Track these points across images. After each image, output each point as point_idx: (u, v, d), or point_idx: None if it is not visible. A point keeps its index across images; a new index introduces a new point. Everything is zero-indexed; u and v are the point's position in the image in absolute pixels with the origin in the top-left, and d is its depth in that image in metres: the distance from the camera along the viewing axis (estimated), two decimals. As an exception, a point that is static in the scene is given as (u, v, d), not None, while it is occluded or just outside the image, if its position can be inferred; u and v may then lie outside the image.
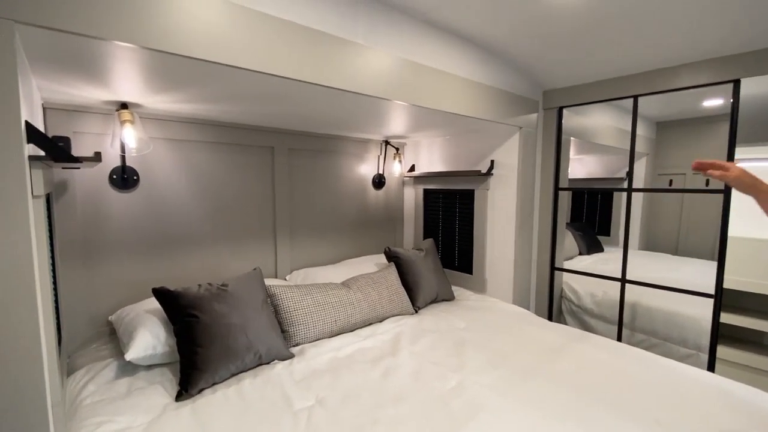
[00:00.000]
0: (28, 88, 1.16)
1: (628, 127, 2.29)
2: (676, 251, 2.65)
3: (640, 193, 2.57)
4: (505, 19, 1.81)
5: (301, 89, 1.54)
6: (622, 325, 2.41)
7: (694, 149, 2.53)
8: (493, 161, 2.65)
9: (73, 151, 1.77)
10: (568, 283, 2.79)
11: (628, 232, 2.30)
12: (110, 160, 1.90)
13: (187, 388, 1.45)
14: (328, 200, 2.86)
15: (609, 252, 2.96)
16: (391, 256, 2.55)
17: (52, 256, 1.49)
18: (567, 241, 2.87)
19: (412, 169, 3.29)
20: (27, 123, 0.98)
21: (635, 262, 2.36)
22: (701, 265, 2.44)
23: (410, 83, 1.77)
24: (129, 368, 1.63)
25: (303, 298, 1.95)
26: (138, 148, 1.77)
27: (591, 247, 3.03)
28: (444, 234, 3.12)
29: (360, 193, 3.07)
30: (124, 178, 1.94)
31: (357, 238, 3.07)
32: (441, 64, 1.91)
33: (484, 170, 2.65)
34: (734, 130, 1.91)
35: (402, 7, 1.69)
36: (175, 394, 1.47)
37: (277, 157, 2.50)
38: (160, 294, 1.61)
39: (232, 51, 1.24)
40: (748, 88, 1.90)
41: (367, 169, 3.10)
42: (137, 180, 1.99)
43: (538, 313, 2.73)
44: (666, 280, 2.24)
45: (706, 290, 2.05)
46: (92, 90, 1.53)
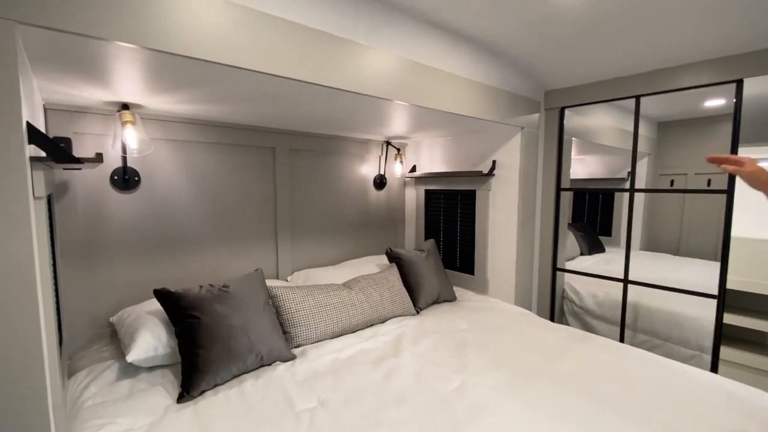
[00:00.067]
0: (30, 89, 1.16)
1: (630, 128, 2.29)
2: (678, 251, 2.65)
3: (642, 194, 2.56)
4: (507, 19, 1.81)
5: (302, 89, 1.53)
6: (625, 325, 2.40)
7: (696, 149, 2.53)
8: (494, 162, 2.65)
9: (74, 152, 1.77)
10: (570, 283, 2.78)
11: (631, 232, 2.29)
12: (111, 160, 1.89)
13: (188, 390, 1.45)
14: (330, 201, 2.86)
15: (610, 252, 2.96)
16: (393, 257, 2.54)
17: (53, 257, 1.49)
18: (568, 242, 2.86)
19: (414, 169, 3.28)
20: (28, 124, 0.98)
21: (637, 263, 2.36)
22: (703, 265, 2.43)
23: (411, 83, 1.76)
24: (130, 370, 1.62)
25: (305, 299, 1.95)
26: (139, 148, 1.76)
27: (592, 247, 3.02)
28: (445, 234, 3.12)
29: (361, 193, 3.06)
30: (125, 179, 1.94)
31: (358, 239, 3.07)
32: (442, 64, 1.91)
33: (485, 171, 2.65)
34: (737, 130, 1.91)
35: (403, 7, 1.68)
36: (176, 396, 1.46)
37: (279, 157, 2.50)
38: (162, 295, 1.61)
39: (233, 51, 1.23)
40: (751, 88, 1.89)
41: (369, 170, 3.10)
42: (138, 181, 1.98)
43: (540, 314, 2.72)
44: (668, 281, 2.23)
45: (709, 291, 2.05)
46: (93, 91, 1.52)
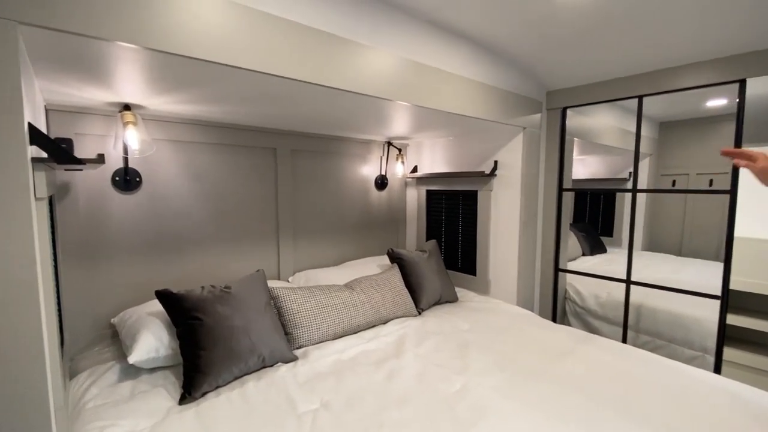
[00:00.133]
0: (31, 90, 1.15)
1: (631, 128, 2.28)
2: (680, 252, 2.63)
3: (643, 194, 2.55)
4: (509, 20, 1.80)
5: (303, 89, 1.53)
6: (627, 326, 2.39)
7: (698, 150, 2.51)
8: (496, 162, 2.64)
9: (76, 153, 1.77)
10: (572, 284, 2.77)
11: (633, 233, 2.28)
12: (113, 161, 1.89)
13: (190, 392, 1.44)
14: (331, 201, 2.85)
15: (612, 253, 2.94)
16: (394, 258, 2.54)
17: (55, 257, 1.49)
18: (570, 242, 2.85)
19: (415, 170, 3.28)
20: (30, 125, 0.98)
21: (639, 263, 2.35)
22: (705, 265, 2.42)
23: (413, 83, 1.76)
24: (132, 371, 1.62)
25: (306, 300, 1.94)
26: (141, 149, 1.76)
27: (594, 247, 3.01)
28: (447, 235, 3.11)
29: (362, 194, 3.06)
30: (127, 179, 1.93)
31: (359, 240, 3.06)
32: (444, 64, 1.90)
33: (487, 171, 2.64)
34: (740, 130, 1.90)
35: (405, 7, 1.68)
36: (178, 398, 1.46)
37: (280, 158, 2.49)
38: (163, 296, 1.60)
39: (235, 51, 1.23)
40: (754, 87, 1.88)
41: (370, 170, 3.09)
42: (140, 182, 1.98)
43: (542, 315, 2.71)
44: (670, 281, 2.23)
45: (711, 291, 2.04)
46: (95, 91, 1.52)
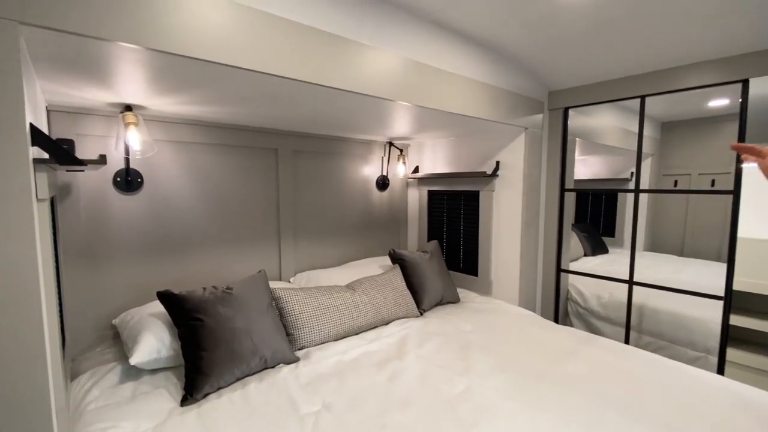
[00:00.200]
0: (32, 91, 1.15)
1: (633, 128, 2.27)
2: (682, 252, 2.63)
3: (645, 194, 2.54)
4: (511, 20, 1.80)
5: (305, 90, 1.52)
6: (630, 327, 2.38)
7: (699, 150, 2.51)
8: (498, 162, 2.63)
9: (77, 154, 1.76)
10: (574, 285, 2.76)
11: (636, 233, 2.27)
12: (114, 162, 1.89)
13: (192, 393, 1.44)
14: (332, 202, 2.85)
15: (614, 253, 2.94)
16: (396, 258, 2.53)
17: (56, 259, 1.48)
18: (572, 243, 2.85)
19: (416, 170, 3.27)
20: (31, 125, 0.97)
21: (640, 263, 2.34)
22: (708, 266, 2.42)
23: (415, 84, 1.75)
24: (133, 372, 1.61)
25: (308, 301, 1.94)
26: (142, 150, 1.76)
27: (596, 248, 3.01)
28: (449, 236, 3.10)
29: (364, 194, 3.05)
30: (128, 180, 1.93)
31: (361, 240, 3.06)
32: (446, 64, 1.90)
33: (489, 171, 2.64)
34: (743, 130, 1.89)
35: (408, 8, 1.67)
36: (180, 399, 1.45)
37: (281, 158, 2.49)
38: (165, 297, 1.60)
39: (236, 51, 1.23)
40: (757, 87, 1.88)
41: (371, 171, 3.09)
42: (141, 182, 1.98)
43: (544, 316, 2.70)
44: (672, 282, 2.22)
45: (714, 292, 2.03)
46: (96, 92, 1.52)
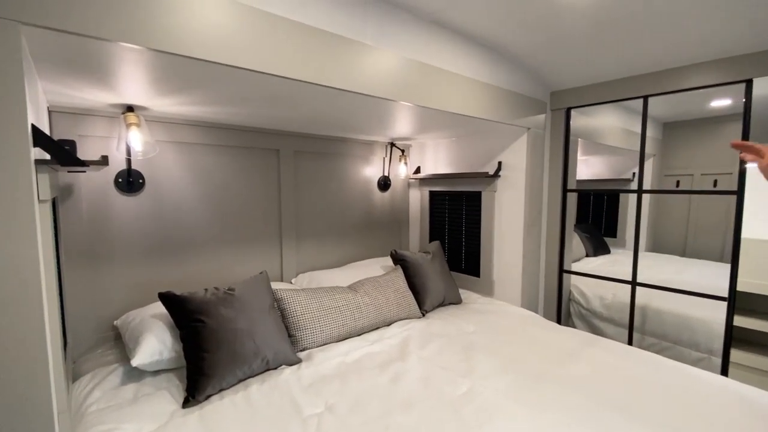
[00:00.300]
0: (34, 91, 1.15)
1: (635, 128, 2.26)
2: (684, 253, 2.62)
3: (647, 195, 2.53)
4: (513, 20, 1.79)
5: (307, 90, 1.52)
6: (633, 328, 2.37)
7: (702, 150, 2.50)
8: (500, 163, 2.63)
9: (79, 155, 1.76)
10: (576, 285, 2.76)
11: (639, 234, 2.26)
12: (116, 163, 1.88)
13: (194, 395, 1.43)
14: (334, 202, 2.84)
15: (616, 254, 2.93)
16: (398, 259, 2.52)
17: (58, 260, 1.48)
18: (573, 243, 2.84)
19: (418, 171, 3.26)
20: (33, 126, 0.97)
21: (642, 264, 2.32)
22: (710, 266, 2.41)
23: (417, 84, 1.75)
24: (135, 374, 1.61)
25: (310, 302, 1.93)
26: (144, 151, 1.75)
27: (598, 248, 3.00)
28: (450, 236, 3.10)
29: (365, 195, 3.05)
30: (130, 181, 1.93)
31: (362, 241, 3.05)
32: (448, 64, 1.89)
33: (491, 172, 2.63)
34: (747, 131, 1.88)
35: (410, 8, 1.67)
36: (182, 400, 1.45)
37: (283, 159, 2.48)
38: (167, 299, 1.59)
39: (238, 52, 1.22)
40: (761, 87, 1.87)
41: (373, 171, 3.08)
42: (143, 183, 1.97)
43: (547, 317, 2.70)
44: (675, 282, 2.21)
45: (716, 292, 2.02)
46: (98, 93, 1.51)
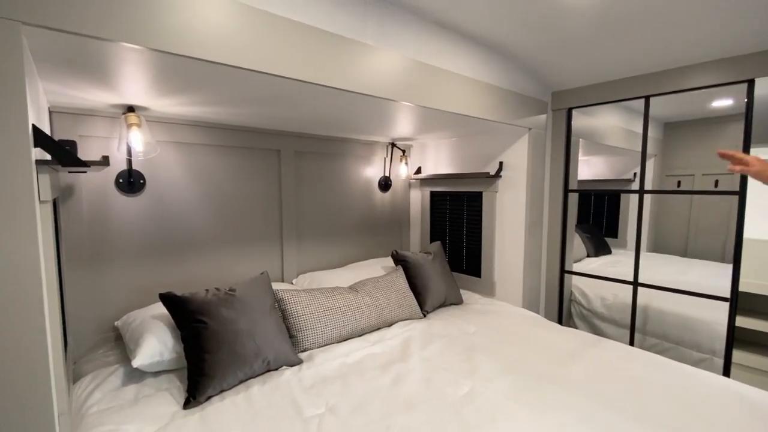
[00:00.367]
0: (35, 92, 1.14)
1: (636, 128, 2.26)
2: (685, 253, 2.61)
3: (648, 195, 2.52)
4: (515, 20, 1.79)
5: (308, 90, 1.52)
6: (635, 329, 2.36)
7: (703, 150, 2.49)
8: (501, 163, 2.62)
9: (79, 155, 1.76)
10: (578, 286, 2.75)
11: (640, 234, 2.26)
12: (116, 163, 1.88)
13: (195, 396, 1.43)
14: (335, 203, 2.84)
15: (617, 254, 2.92)
16: (399, 260, 2.52)
17: (59, 260, 1.48)
18: (575, 243, 2.83)
19: (419, 171, 3.26)
20: (34, 126, 0.96)
21: (644, 264, 2.32)
22: (712, 267, 2.40)
23: (419, 84, 1.74)
24: (136, 375, 1.60)
25: (311, 303, 1.93)
26: (145, 151, 1.75)
27: (599, 249, 2.99)
28: (451, 237, 3.09)
29: (366, 195, 3.04)
30: (131, 181, 1.92)
31: (363, 241, 3.05)
32: (449, 64, 1.89)
33: (492, 172, 2.62)
34: (749, 131, 1.88)
35: (411, 8, 1.67)
36: (182, 401, 1.44)
37: (284, 159, 2.48)
38: (168, 299, 1.59)
39: (239, 52, 1.22)
40: (763, 87, 1.86)
41: (374, 172, 3.08)
42: (143, 184, 1.97)
43: (548, 317, 2.69)
44: (676, 283, 2.20)
45: (719, 293, 2.01)
46: (98, 93, 1.51)
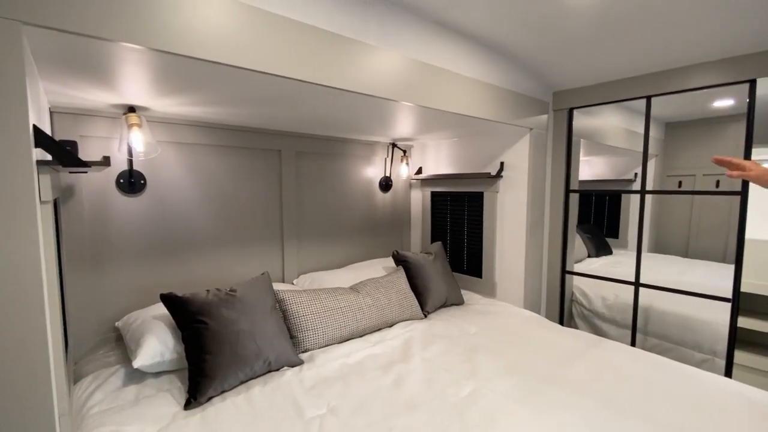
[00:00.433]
0: (36, 92, 1.14)
1: (637, 128, 2.25)
2: (686, 253, 2.61)
3: (649, 195, 2.52)
4: (516, 20, 1.79)
5: (309, 90, 1.51)
6: (636, 329, 2.36)
7: (704, 150, 2.49)
8: (502, 163, 2.62)
9: (80, 155, 1.76)
10: (579, 286, 2.75)
11: (642, 234, 2.25)
12: (117, 164, 1.88)
13: (196, 396, 1.43)
14: (335, 203, 2.84)
15: (618, 254, 2.92)
16: (400, 260, 2.51)
17: (59, 261, 1.47)
18: (575, 244, 2.83)
19: (420, 171, 3.26)
20: (35, 127, 0.96)
21: (645, 265, 2.32)
22: (713, 267, 2.40)
23: (419, 84, 1.74)
24: (136, 375, 1.60)
25: (312, 304, 1.92)
26: (145, 151, 1.75)
27: (600, 249, 2.99)
28: (452, 237, 3.09)
29: (367, 196, 3.04)
30: (131, 182, 1.92)
31: (364, 242, 3.05)
32: (450, 64, 1.88)
33: (493, 172, 2.62)
34: (751, 131, 1.87)
35: (412, 8, 1.66)
36: (183, 402, 1.44)
37: (285, 160, 2.48)
38: (168, 300, 1.58)
39: (239, 51, 1.22)
40: (765, 88, 1.86)
41: (374, 172, 3.08)
42: (144, 184, 1.97)
43: (549, 318, 2.69)
44: (677, 283, 2.20)
45: (719, 293, 2.01)
46: (99, 93, 1.51)
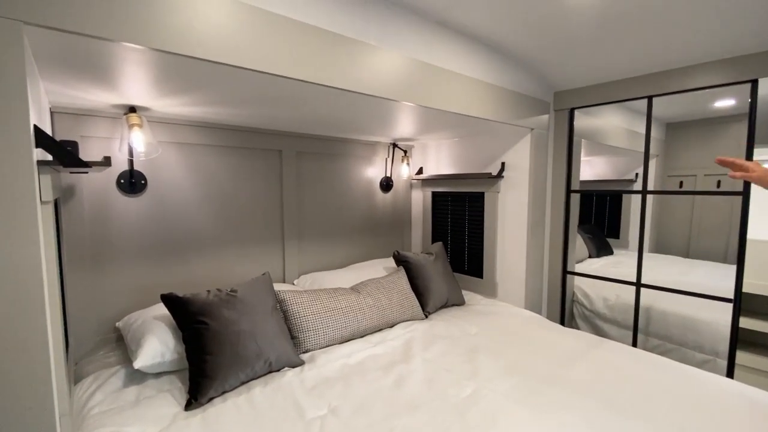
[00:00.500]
0: (36, 91, 1.14)
1: (638, 128, 2.25)
2: (688, 254, 2.60)
3: (650, 195, 2.52)
4: (517, 20, 1.78)
5: (309, 90, 1.51)
6: (637, 330, 2.36)
7: (705, 150, 2.49)
8: (503, 163, 2.62)
9: (81, 156, 1.75)
10: (580, 287, 2.74)
11: (643, 234, 2.25)
12: (118, 164, 1.88)
13: (196, 397, 1.42)
14: (336, 203, 2.83)
15: (619, 254, 2.91)
16: (401, 260, 2.51)
17: (60, 261, 1.47)
18: (576, 244, 2.82)
19: (420, 171, 3.25)
20: (35, 127, 0.96)
21: (646, 265, 2.31)
22: (714, 267, 2.39)
23: (420, 84, 1.74)
24: (137, 376, 1.60)
25: (312, 304, 1.92)
26: (146, 152, 1.74)
27: (601, 249, 2.98)
28: (453, 237, 3.08)
29: (367, 196, 3.04)
30: (132, 182, 1.92)
31: (365, 242, 3.04)
32: (451, 64, 1.88)
33: (494, 173, 2.62)
34: (752, 131, 1.87)
35: (413, 7, 1.66)
36: (184, 403, 1.43)
37: (285, 160, 2.48)
38: (169, 300, 1.58)
39: (240, 51, 1.21)
40: (766, 87, 1.86)
41: (375, 172, 3.07)
42: (145, 184, 1.97)
43: (550, 318, 2.68)
44: (679, 283, 2.19)
45: (722, 293, 2.01)
46: (100, 93, 1.51)
